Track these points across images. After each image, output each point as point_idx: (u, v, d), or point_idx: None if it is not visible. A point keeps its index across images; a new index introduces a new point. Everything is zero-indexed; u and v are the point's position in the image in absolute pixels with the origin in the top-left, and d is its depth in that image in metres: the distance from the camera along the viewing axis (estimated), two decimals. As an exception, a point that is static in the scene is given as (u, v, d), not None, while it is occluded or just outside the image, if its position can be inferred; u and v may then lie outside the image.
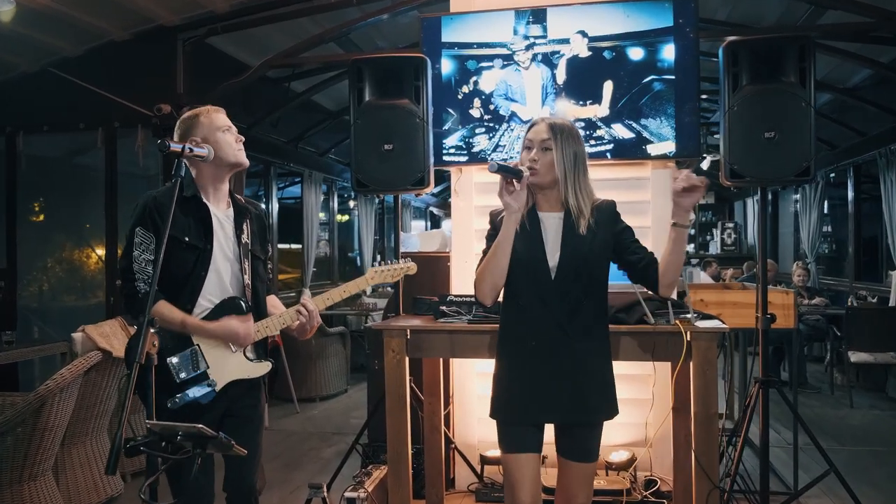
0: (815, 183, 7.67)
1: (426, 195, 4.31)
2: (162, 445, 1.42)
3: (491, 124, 3.44)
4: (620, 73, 3.30)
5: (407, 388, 2.85)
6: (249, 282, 2.14)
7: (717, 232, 11.96)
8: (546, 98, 3.38)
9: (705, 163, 7.90)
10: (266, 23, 4.82)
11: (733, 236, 11.64)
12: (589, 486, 2.12)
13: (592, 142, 3.31)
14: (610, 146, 3.32)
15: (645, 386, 3.20)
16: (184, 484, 1.89)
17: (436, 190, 9.35)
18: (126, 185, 5.21)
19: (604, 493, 3.06)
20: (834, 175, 7.79)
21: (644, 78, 3.29)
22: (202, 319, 2.05)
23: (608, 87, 3.32)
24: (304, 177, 7.35)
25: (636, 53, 3.30)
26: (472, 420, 3.53)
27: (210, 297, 2.08)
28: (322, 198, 7.79)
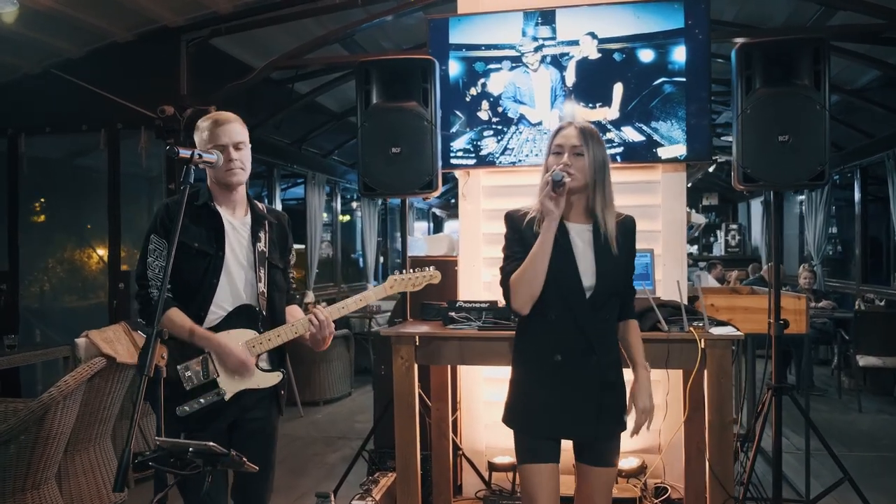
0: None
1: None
2: (171, 462, 1.38)
3: (499, 127, 3.40)
4: (630, 75, 3.26)
5: (416, 396, 2.81)
6: (265, 290, 2.10)
7: (721, 233, 11.92)
8: (555, 100, 3.34)
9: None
10: (270, 24, 4.78)
11: (737, 238, 11.60)
12: (609, 494, 2.09)
13: (602, 145, 3.27)
14: (620, 149, 3.28)
15: (657, 393, 3.14)
16: (193, 500, 1.86)
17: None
18: (129, 187, 5.19)
19: (614, 501, 3.00)
20: (839, 177, 7.74)
21: (654, 80, 3.24)
22: (215, 326, 2.02)
23: (618, 90, 3.28)
24: (307, 178, 7.32)
25: (646, 55, 3.25)
26: (480, 426, 3.48)
27: (223, 305, 2.05)
28: (325, 199, 7.74)
